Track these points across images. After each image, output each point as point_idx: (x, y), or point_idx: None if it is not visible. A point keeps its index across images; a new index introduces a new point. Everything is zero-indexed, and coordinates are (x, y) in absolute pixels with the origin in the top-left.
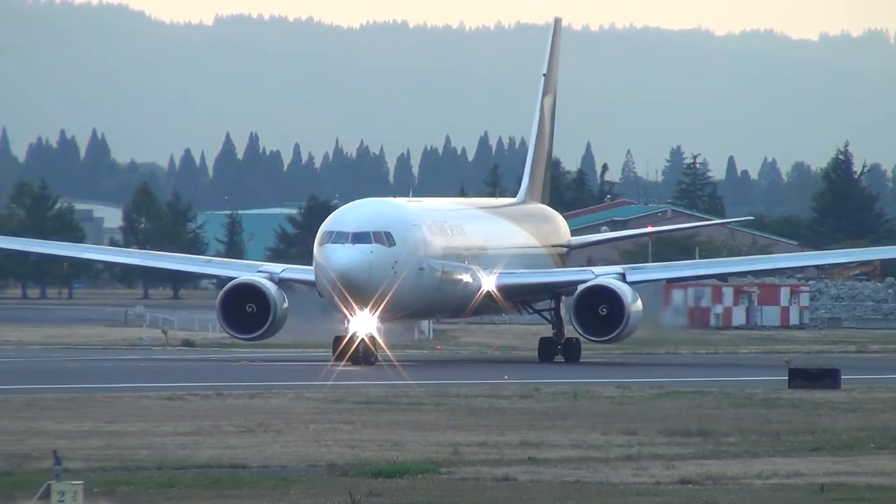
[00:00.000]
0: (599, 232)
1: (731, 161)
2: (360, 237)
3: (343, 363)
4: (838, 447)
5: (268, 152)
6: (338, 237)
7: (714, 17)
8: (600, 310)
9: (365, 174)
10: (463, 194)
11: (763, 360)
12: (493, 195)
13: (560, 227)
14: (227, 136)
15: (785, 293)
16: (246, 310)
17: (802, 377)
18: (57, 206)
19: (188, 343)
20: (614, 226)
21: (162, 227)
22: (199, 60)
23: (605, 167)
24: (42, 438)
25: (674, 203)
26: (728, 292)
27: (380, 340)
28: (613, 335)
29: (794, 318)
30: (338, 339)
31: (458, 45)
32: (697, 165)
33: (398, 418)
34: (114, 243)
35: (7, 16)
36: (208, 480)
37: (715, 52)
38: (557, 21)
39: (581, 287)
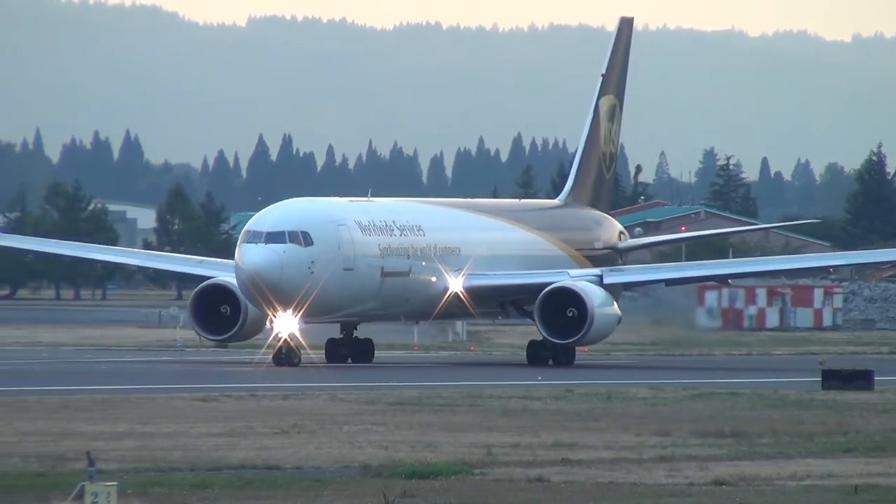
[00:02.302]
0: (633, 234)
1: (764, 162)
2: (274, 237)
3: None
4: (871, 448)
5: (301, 153)
6: (253, 237)
7: (747, 18)
8: (568, 312)
9: (398, 175)
10: (496, 195)
11: (796, 361)
12: (526, 196)
13: (603, 230)
14: (261, 137)
15: (818, 295)
16: (221, 311)
17: (836, 378)
18: (90, 207)
19: (222, 344)
20: (647, 227)
21: (195, 228)
22: (232, 61)
23: (638, 168)
24: (76, 440)
25: (707, 204)
26: (761, 294)
27: (301, 341)
28: (576, 338)
29: (827, 320)
30: (331, 342)
31: (491, 46)
32: (731, 166)
33: (431, 419)
34: (147, 244)
35: (40, 17)
36: (242, 481)
37: (748, 53)
38: (623, 21)
39: (545, 289)
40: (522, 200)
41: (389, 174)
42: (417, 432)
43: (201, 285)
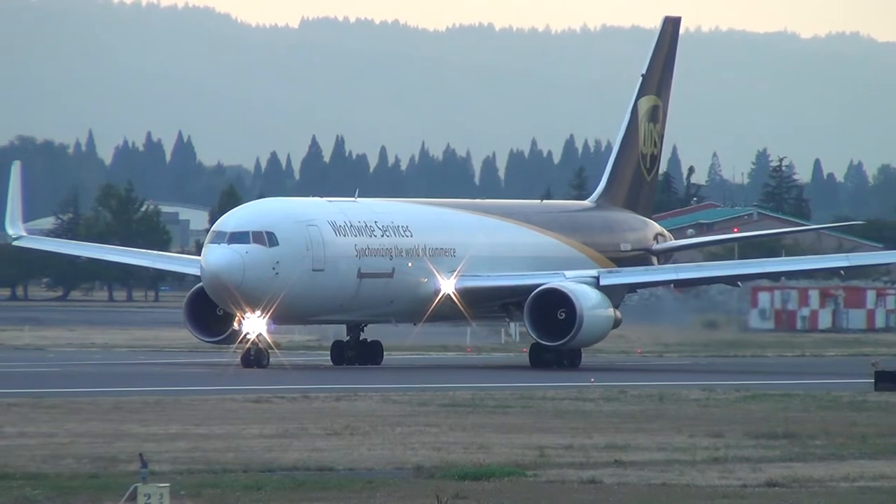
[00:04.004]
0: (686, 235)
1: (816, 164)
2: (237, 237)
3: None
4: None
5: (354, 155)
6: (217, 237)
7: (800, 19)
8: (559, 314)
9: (451, 177)
10: (548, 197)
11: (849, 363)
12: (578, 198)
13: (634, 233)
14: (314, 139)
15: (871, 296)
16: (217, 312)
17: (889, 380)
18: (143, 209)
19: (274, 346)
20: (700, 228)
21: None
22: (284, 62)
23: (691, 170)
24: (128, 441)
25: (760, 206)
26: (814, 295)
27: (269, 341)
28: (565, 340)
29: (880, 321)
30: (337, 344)
31: (543, 47)
32: (783, 168)
33: (484, 421)
34: (200, 246)
35: (94, 18)
36: (294, 483)
37: (801, 55)
38: (668, 20)
39: (535, 291)
40: (543, 202)
41: (442, 175)
42: (470, 434)
43: (196, 287)
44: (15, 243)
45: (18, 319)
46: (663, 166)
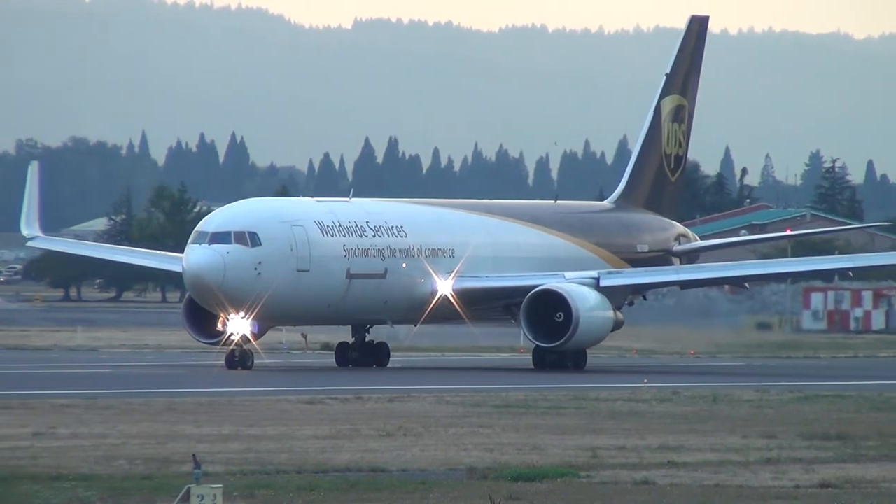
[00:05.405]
0: (739, 235)
1: (870, 165)
2: (219, 237)
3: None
4: None
5: (407, 156)
6: (199, 237)
7: (852, 20)
8: (556, 315)
9: (504, 178)
10: (601, 198)
11: None
12: None
13: (653, 234)
14: (367, 140)
15: None
16: (214, 315)
17: None
18: (196, 210)
19: (327, 347)
20: (753, 229)
21: None
22: (337, 63)
23: (744, 171)
24: (181, 442)
25: (813, 207)
26: (867, 296)
27: (254, 344)
28: (561, 341)
29: None
30: (342, 346)
31: (596, 48)
32: (836, 169)
33: (537, 422)
34: None
35: (146, 19)
36: (347, 484)
37: (853, 56)
38: (694, 19)
39: (531, 292)
40: (557, 202)
41: (495, 176)
42: (523, 435)
43: None
44: (29, 244)
45: (72, 321)
46: (716, 168)
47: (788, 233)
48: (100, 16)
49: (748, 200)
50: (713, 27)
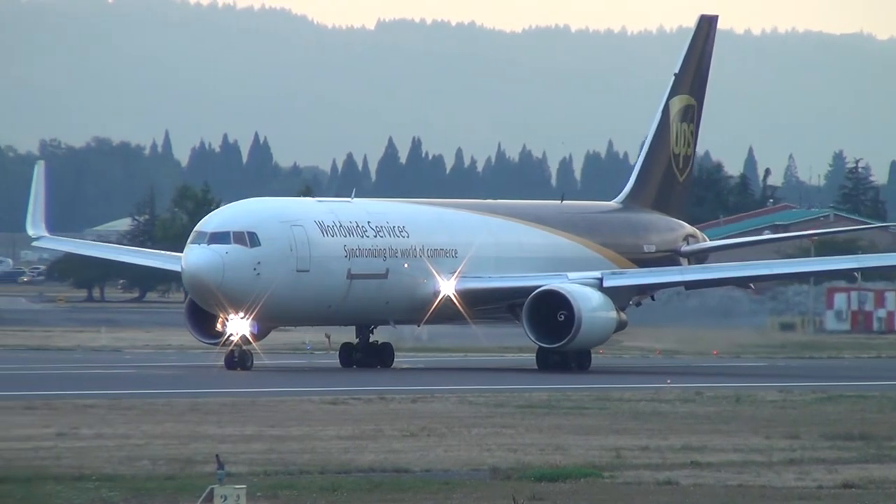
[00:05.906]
0: (762, 235)
1: (893, 165)
2: (218, 237)
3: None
4: None
5: (430, 156)
6: (198, 237)
7: (876, 21)
8: (559, 316)
9: (527, 178)
10: None
11: None
12: None
13: (660, 234)
14: (390, 140)
15: None
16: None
17: None
18: None
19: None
20: (776, 230)
21: None
22: (360, 64)
23: (767, 171)
24: (204, 442)
25: (836, 207)
26: (891, 297)
27: (254, 344)
28: (563, 342)
29: None
30: (345, 346)
31: (620, 49)
32: (860, 170)
33: (560, 422)
34: None
35: (169, 19)
36: (371, 484)
37: (877, 56)
38: (703, 18)
39: (533, 292)
40: (562, 202)
41: (518, 176)
42: (547, 435)
43: None
44: (34, 244)
45: (95, 321)
46: (739, 168)
47: (800, 233)
48: (123, 17)
49: (771, 201)
50: (737, 28)
